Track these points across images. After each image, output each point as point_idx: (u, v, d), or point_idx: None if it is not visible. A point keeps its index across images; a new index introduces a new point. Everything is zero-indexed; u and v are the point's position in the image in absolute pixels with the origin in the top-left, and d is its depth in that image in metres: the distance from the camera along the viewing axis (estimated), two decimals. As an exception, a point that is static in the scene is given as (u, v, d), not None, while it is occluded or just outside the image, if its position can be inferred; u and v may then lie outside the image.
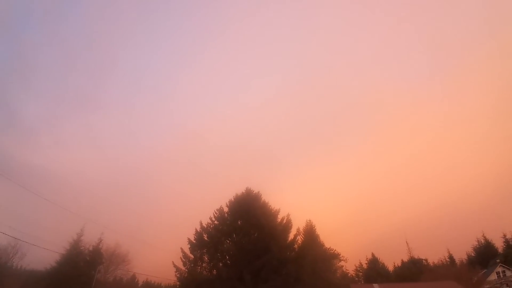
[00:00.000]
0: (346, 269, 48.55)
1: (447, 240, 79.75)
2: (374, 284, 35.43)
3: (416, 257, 56.92)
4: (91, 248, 42.18)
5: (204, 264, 33.81)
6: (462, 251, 58.27)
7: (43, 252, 35.82)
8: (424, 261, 55.78)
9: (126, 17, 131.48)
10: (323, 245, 34.79)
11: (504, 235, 52.67)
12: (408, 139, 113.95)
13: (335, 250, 34.74)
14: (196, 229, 35.32)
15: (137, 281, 52.15)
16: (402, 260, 58.46)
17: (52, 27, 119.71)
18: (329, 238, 57.66)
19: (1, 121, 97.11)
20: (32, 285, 37.93)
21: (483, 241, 54.61)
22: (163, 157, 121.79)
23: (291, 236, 34.77)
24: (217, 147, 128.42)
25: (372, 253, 59.81)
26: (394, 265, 59.23)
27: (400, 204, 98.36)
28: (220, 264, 33.26)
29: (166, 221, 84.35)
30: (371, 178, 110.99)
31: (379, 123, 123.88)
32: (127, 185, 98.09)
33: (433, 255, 69.55)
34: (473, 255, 54.43)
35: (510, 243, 51.58)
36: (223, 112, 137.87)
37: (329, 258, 34.12)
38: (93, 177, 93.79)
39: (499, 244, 53.55)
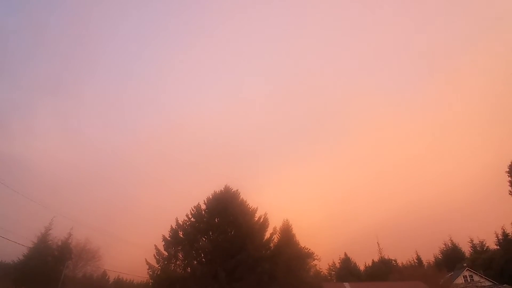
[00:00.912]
0: (319, 268, 49.70)
1: (416, 242, 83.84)
2: (345, 283, 36.52)
3: (386, 257, 59.17)
4: (59, 243, 40.64)
5: (178, 262, 33.40)
6: (429, 253, 61.25)
7: (9, 244, 34.02)
8: (393, 262, 58.02)
9: (110, 5, 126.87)
10: (298, 244, 35.24)
11: (471, 240, 55.27)
12: (387, 145, 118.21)
13: (309, 249, 35.31)
14: (171, 226, 34.81)
15: (108, 278, 50.65)
16: (373, 260, 60.60)
17: (27, 10, 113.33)
18: (305, 238, 58.62)
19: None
20: (1, 276, 36.12)
21: (450, 245, 57.15)
22: (141, 147, 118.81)
23: (267, 235, 35.04)
24: (197, 142, 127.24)
25: (345, 252, 61.57)
26: (365, 265, 61.28)
27: (374, 206, 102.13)
28: (195, 262, 32.95)
29: (140, 216, 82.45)
30: (347, 180, 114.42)
31: (359, 127, 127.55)
32: (100, 177, 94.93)
33: (402, 256, 72.88)
34: (440, 257, 56.73)
35: (477, 248, 54.01)
36: (206, 107, 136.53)
37: (304, 257, 34.62)
38: (64, 168, 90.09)
39: (466, 249, 56.13)
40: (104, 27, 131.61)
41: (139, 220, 78.96)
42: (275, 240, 34.82)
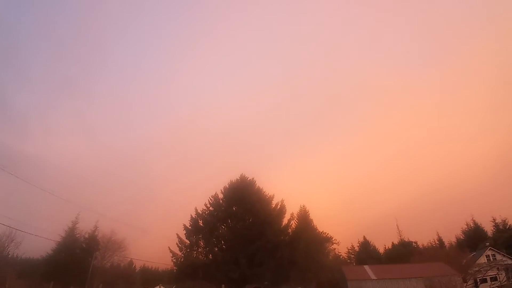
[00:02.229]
0: (338, 252, 49.86)
1: (437, 224, 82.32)
2: (365, 266, 36.56)
3: (406, 239, 58.62)
4: (86, 236, 42.32)
5: (199, 249, 34.47)
6: (451, 234, 60.07)
7: (38, 240, 35.74)
8: (414, 244, 57.42)
9: (120, 6, 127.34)
10: (316, 229, 35.54)
11: (494, 219, 53.69)
12: (402, 126, 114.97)
13: (327, 233, 35.59)
14: (191, 215, 35.78)
15: (134, 266, 52.97)
16: (392, 243, 60.17)
17: (43, 16, 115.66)
18: (323, 223, 59.06)
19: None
20: (28, 273, 38.06)
21: (472, 225, 55.82)
22: (158, 144, 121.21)
23: (285, 221, 35.54)
24: (212, 135, 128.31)
25: (364, 236, 61.44)
26: (385, 248, 60.96)
27: (393, 189, 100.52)
28: (216, 249, 33.90)
29: (161, 207, 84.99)
30: (365, 164, 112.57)
31: (373, 111, 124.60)
32: (122, 172, 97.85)
33: (423, 238, 72.12)
34: (462, 238, 55.63)
35: (500, 227, 52.62)
36: (217, 101, 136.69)
37: (322, 241, 34.96)
38: (86, 165, 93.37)
39: (488, 228, 54.71)
40: (115, 27, 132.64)
41: (161, 212, 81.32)
42: (293, 226, 35.29)
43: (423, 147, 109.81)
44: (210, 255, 33.63)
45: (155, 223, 78.28)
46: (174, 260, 33.78)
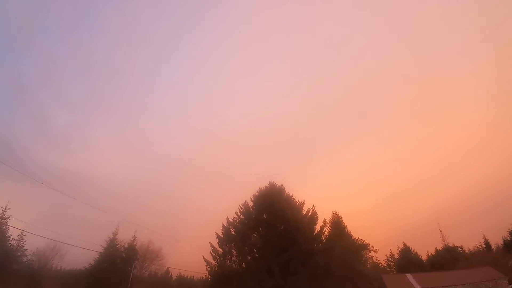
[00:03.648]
0: (376, 260, 47.56)
1: (483, 226, 75.24)
2: (407, 274, 34.48)
3: (451, 244, 54.54)
4: (126, 246, 44.24)
5: (233, 258, 34.47)
6: (498, 235, 54.92)
7: (81, 252, 38.02)
8: (459, 249, 53.33)
9: (142, 22, 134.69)
10: (351, 236, 34.24)
11: (542, 216, 48.92)
12: (439, 119, 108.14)
13: (364, 240, 34.15)
14: (223, 224, 36.05)
15: (171, 275, 54.32)
16: (436, 249, 56.14)
17: (72, 38, 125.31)
18: (357, 229, 56.42)
19: (37, 131, 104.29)
20: (72, 284, 40.26)
21: (519, 223, 51.02)
22: (189, 156, 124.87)
23: (317, 228, 34.57)
24: (240, 144, 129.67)
25: (404, 242, 57.98)
26: (428, 254, 56.98)
27: (430, 188, 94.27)
28: (249, 257, 33.77)
29: (195, 218, 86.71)
30: (399, 164, 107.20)
31: (404, 105, 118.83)
32: (155, 185, 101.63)
33: (469, 242, 66.19)
34: (508, 239, 51.09)
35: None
36: (240, 110, 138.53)
37: (358, 249, 33.58)
38: (124, 179, 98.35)
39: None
40: (143, 45, 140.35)
41: (194, 223, 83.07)
42: (326, 233, 34.37)
43: (464, 141, 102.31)
44: (243, 263, 33.55)
45: (189, 232, 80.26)
46: (208, 269, 34.12)
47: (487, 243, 52.86)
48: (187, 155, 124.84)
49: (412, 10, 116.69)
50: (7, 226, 35.11)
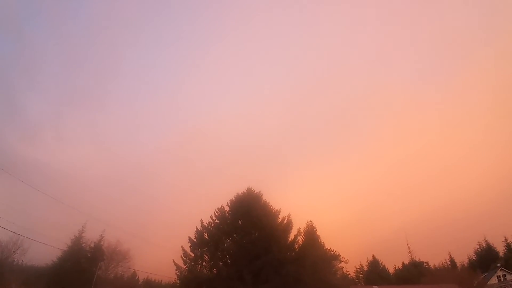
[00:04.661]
0: (346, 271, 48.32)
1: (448, 242, 79.01)
2: (374, 286, 35.45)
3: (417, 259, 56.72)
4: (92, 245, 42.40)
5: (204, 263, 33.91)
6: (463, 254, 57.94)
7: (44, 248, 35.85)
8: (425, 264, 55.53)
9: (130, 17, 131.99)
10: (323, 246, 34.73)
11: (506, 239, 52.29)
12: (408, 139, 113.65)
13: (335, 251, 34.66)
14: (196, 228, 35.42)
15: (138, 278, 52.37)
16: (403, 263, 58.19)
17: (56, 25, 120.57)
18: (330, 239, 57.43)
19: (6, 117, 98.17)
20: (33, 280, 38.13)
21: (484, 245, 54.12)
22: (165, 154, 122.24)
23: (291, 236, 34.79)
24: (219, 146, 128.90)
25: (373, 255, 59.60)
26: (395, 268, 58.95)
27: (401, 205, 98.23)
28: (221, 263, 33.34)
29: (167, 218, 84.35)
30: (372, 179, 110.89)
31: (378, 124, 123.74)
32: (129, 182, 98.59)
33: (435, 258, 69.49)
34: (474, 258, 53.92)
35: (511, 247, 51.23)
36: (224, 111, 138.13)
37: (330, 259, 34.03)
38: (95, 174, 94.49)
39: (500, 248, 53.20)
40: (126, 37, 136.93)
41: (166, 223, 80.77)
42: (299, 242, 34.50)
43: (432, 160, 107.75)
44: (215, 269, 33.06)
45: (161, 234, 77.84)
46: (178, 274, 33.26)
47: (452, 261, 55.54)
48: (164, 153, 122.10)
49: (406, 20, 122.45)
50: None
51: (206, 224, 35.73)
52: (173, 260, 33.61)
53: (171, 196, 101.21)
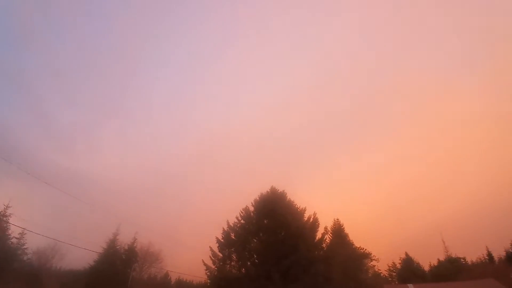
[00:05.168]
0: (378, 269, 46.92)
1: (486, 237, 74.25)
2: (409, 285, 34.00)
3: (453, 255, 53.88)
4: (126, 247, 44.18)
5: (232, 263, 34.28)
6: (501, 247, 54.29)
7: (82, 252, 37.91)
8: (462, 260, 52.71)
9: (146, 26, 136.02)
10: (352, 244, 33.90)
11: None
12: (444, 131, 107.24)
13: (365, 249, 33.79)
14: (223, 228, 35.91)
15: (170, 278, 54.03)
16: (438, 259, 55.47)
17: (77, 38, 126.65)
18: (359, 238, 56.02)
19: (41, 130, 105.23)
20: (71, 284, 40.16)
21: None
22: (190, 159, 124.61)
23: (318, 235, 34.28)
24: (241, 148, 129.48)
25: (406, 252, 57.32)
26: (430, 265, 56.32)
27: (435, 200, 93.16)
28: (248, 263, 33.54)
29: (195, 219, 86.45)
30: (403, 173, 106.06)
31: (411, 117, 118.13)
32: (158, 186, 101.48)
33: (472, 253, 65.25)
34: (511, 250, 50.54)
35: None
36: (248, 113, 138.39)
37: (360, 257, 33.22)
38: (126, 180, 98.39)
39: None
40: (145, 48, 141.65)
41: (195, 224, 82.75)
42: (327, 240, 33.98)
43: (468, 153, 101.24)
44: (243, 269, 33.33)
45: (190, 236, 79.64)
46: (208, 273, 33.96)
47: (489, 255, 52.17)
48: (189, 158, 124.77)
49: (421, 15, 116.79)
50: (8, 224, 35.16)
51: (232, 225, 36.15)
52: (202, 260, 34.39)
53: (198, 200, 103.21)
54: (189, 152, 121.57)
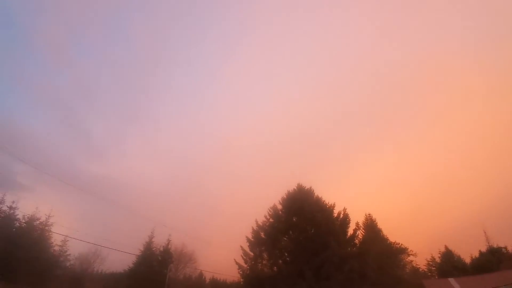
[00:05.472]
0: (416, 264, 45.03)
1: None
2: (449, 279, 32.37)
3: (495, 246, 50.48)
4: (161, 249, 45.82)
5: (264, 261, 34.48)
6: None
7: (121, 255, 39.82)
8: (503, 249, 49.26)
9: (162, 37, 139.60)
10: (387, 239, 32.67)
11: None
12: (480, 118, 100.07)
13: (401, 244, 32.41)
14: (252, 228, 36.23)
15: (204, 278, 55.47)
16: (479, 251, 52.25)
17: (101, 54, 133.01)
18: (394, 232, 54.00)
19: (74, 142, 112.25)
20: (113, 286, 41.95)
21: None
22: (211, 163, 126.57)
23: (350, 231, 33.62)
24: (263, 147, 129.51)
25: (445, 245, 54.45)
26: (471, 257, 53.16)
27: (473, 190, 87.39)
28: (280, 261, 33.56)
29: (226, 219, 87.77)
30: (438, 162, 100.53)
31: (443, 101, 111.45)
32: (187, 188, 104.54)
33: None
34: None
35: None
36: (271, 109, 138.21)
37: (396, 253, 31.97)
38: (156, 184, 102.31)
39: None
40: (166, 55, 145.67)
41: (225, 223, 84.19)
42: (359, 236, 33.09)
43: (507, 139, 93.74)
44: (275, 267, 33.41)
45: (220, 236, 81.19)
46: (241, 272, 34.46)
47: (533, 241, 48.19)
48: (210, 161, 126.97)
49: (442, 10, 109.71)
50: (50, 233, 37.19)
51: (261, 224, 36.34)
52: (234, 259, 34.96)
53: (226, 200, 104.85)
54: (210, 155, 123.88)
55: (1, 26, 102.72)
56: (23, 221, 34.72)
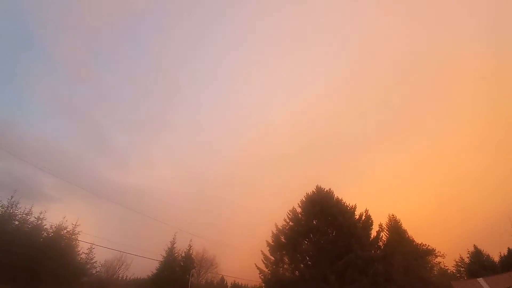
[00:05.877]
0: (444, 266, 43.32)
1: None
2: (478, 279, 31.06)
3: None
4: (183, 254, 46.34)
5: (285, 266, 34.04)
6: None
7: (144, 261, 40.63)
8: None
9: (181, 48, 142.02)
10: (413, 241, 31.54)
11: None
12: (507, 112, 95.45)
13: (428, 245, 31.20)
14: (272, 232, 35.87)
15: (226, 283, 55.62)
16: (508, 248, 49.81)
17: (121, 66, 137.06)
18: (420, 233, 52.40)
19: (98, 153, 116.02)
20: None
21: None
22: (235, 165, 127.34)
23: (373, 233, 32.71)
24: (280, 150, 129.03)
25: (474, 245, 52.22)
26: (500, 255, 50.73)
27: (500, 185, 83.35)
28: (301, 265, 33.04)
29: (245, 224, 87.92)
30: (462, 160, 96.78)
31: (464, 100, 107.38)
32: (206, 194, 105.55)
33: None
34: None
35: None
36: (285, 116, 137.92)
37: (422, 254, 30.82)
38: (176, 191, 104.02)
39: None
40: (178, 62, 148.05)
41: (245, 228, 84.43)
42: (383, 238, 32.15)
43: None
44: (297, 271, 32.93)
45: (240, 240, 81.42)
46: (262, 277, 34.11)
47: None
48: (229, 169, 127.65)
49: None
50: (77, 241, 38.35)
51: (281, 227, 35.97)
52: (255, 264, 34.67)
53: (245, 199, 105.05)
54: (229, 161, 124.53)
55: (24, 48, 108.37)
56: (51, 231, 35.90)
